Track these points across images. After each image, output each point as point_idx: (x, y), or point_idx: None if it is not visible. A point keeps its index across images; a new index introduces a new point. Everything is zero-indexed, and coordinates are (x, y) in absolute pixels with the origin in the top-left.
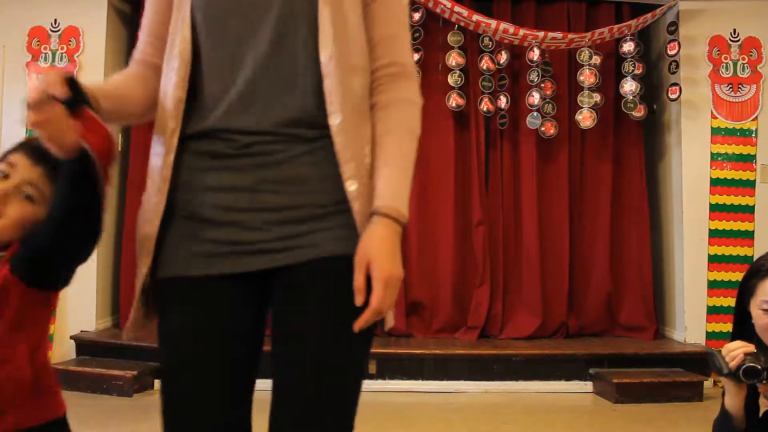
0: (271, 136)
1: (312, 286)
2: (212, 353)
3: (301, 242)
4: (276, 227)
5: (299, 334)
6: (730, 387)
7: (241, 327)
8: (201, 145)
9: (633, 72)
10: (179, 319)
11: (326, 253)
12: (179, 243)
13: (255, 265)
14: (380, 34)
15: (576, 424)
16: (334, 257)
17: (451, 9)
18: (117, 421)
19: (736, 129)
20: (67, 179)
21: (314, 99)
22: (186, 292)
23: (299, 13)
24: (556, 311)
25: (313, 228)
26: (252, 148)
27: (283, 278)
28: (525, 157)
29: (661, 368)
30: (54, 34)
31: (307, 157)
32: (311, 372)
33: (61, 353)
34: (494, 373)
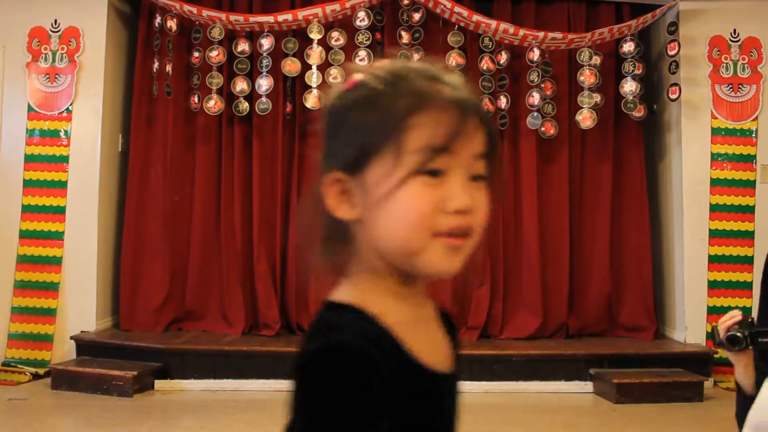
0: None
1: None
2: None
3: None
4: None
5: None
6: (731, 356)
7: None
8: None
9: (633, 72)
10: None
11: None
12: None
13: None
14: None
15: (576, 424)
16: None
17: (451, 9)
18: (117, 421)
19: (736, 129)
20: None
21: None
22: None
23: None
24: (556, 311)
25: None
26: None
27: None
28: (525, 158)
29: (661, 368)
30: (54, 34)
31: None
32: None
33: (61, 353)
34: (494, 373)
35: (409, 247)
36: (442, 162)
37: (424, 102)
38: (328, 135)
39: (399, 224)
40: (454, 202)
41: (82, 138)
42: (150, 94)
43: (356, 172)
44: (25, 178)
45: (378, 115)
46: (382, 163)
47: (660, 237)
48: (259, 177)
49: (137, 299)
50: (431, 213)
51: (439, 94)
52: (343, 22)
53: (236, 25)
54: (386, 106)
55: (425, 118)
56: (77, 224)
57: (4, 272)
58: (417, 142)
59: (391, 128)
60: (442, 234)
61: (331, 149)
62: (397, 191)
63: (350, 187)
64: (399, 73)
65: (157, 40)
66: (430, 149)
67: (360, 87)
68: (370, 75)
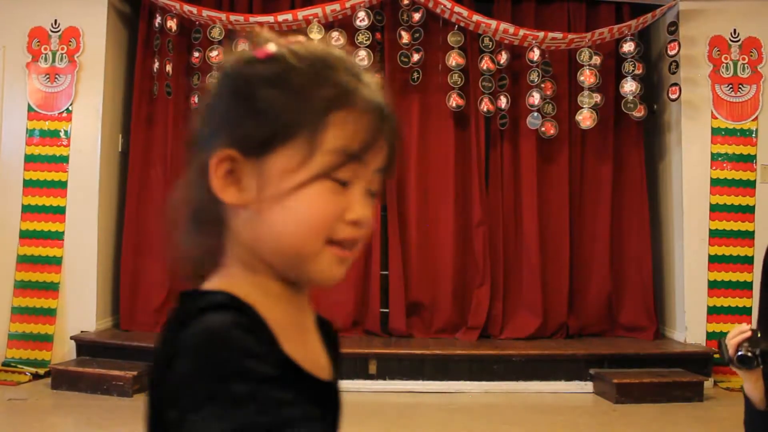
0: None
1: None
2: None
3: None
4: None
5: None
6: (740, 372)
7: None
8: None
9: (633, 72)
10: None
11: None
12: None
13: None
14: None
15: (576, 424)
16: None
17: (451, 9)
18: (117, 421)
19: (737, 129)
20: None
21: None
22: None
23: None
24: (556, 311)
25: None
26: None
27: None
28: (525, 158)
29: (661, 368)
30: (54, 34)
31: None
32: None
33: (62, 353)
34: (494, 373)
35: (301, 251)
36: (350, 170)
37: (348, 99)
38: (224, 102)
39: (296, 226)
40: (353, 213)
41: (82, 138)
42: (150, 94)
43: (255, 156)
44: (25, 178)
45: (296, 100)
46: (290, 155)
47: (660, 237)
48: None
49: (137, 299)
50: (331, 220)
51: (362, 94)
52: (343, 22)
53: (236, 25)
54: (307, 91)
55: (346, 118)
56: (77, 224)
57: (4, 272)
58: (333, 143)
59: (310, 119)
60: (335, 243)
61: (228, 121)
62: (301, 190)
63: (243, 169)
64: (322, 59)
65: (157, 40)
66: (344, 154)
67: (276, 60)
68: (287, 50)
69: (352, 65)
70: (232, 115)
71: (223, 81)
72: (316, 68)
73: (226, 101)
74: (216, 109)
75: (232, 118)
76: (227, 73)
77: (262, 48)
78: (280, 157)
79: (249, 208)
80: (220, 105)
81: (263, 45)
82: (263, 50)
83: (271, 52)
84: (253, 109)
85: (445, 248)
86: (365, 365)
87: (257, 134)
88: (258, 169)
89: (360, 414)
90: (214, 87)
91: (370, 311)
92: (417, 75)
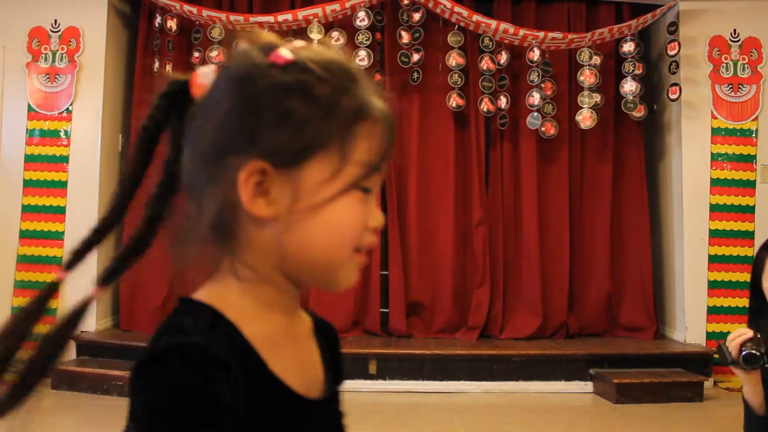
0: None
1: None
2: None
3: None
4: None
5: None
6: (741, 375)
7: None
8: None
9: (633, 72)
10: None
11: None
12: None
13: None
14: None
15: (576, 424)
16: None
17: (452, 9)
18: (117, 421)
19: (737, 129)
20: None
21: None
22: None
23: None
24: (556, 311)
25: None
26: None
27: None
28: (525, 158)
29: (661, 368)
30: (54, 34)
31: None
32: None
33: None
34: (494, 373)
35: (333, 260)
36: (373, 180)
37: (368, 110)
38: (243, 111)
39: (332, 236)
40: (375, 220)
41: (82, 138)
42: (150, 94)
43: (286, 168)
44: (25, 178)
45: (324, 111)
46: (322, 166)
47: (660, 237)
48: None
49: (137, 299)
50: (361, 229)
51: (376, 102)
52: (343, 22)
53: (236, 25)
54: (333, 102)
55: (369, 129)
56: (77, 224)
57: (4, 272)
58: (361, 154)
59: (339, 130)
60: (360, 250)
61: (252, 132)
62: (335, 201)
63: (272, 181)
64: (338, 67)
65: (157, 40)
66: (370, 165)
67: (296, 68)
68: (304, 56)
69: (361, 72)
70: (256, 126)
71: (237, 87)
72: (336, 77)
73: (245, 109)
74: (232, 117)
75: (257, 128)
76: (239, 78)
77: (276, 53)
78: (312, 168)
79: (278, 220)
80: (237, 113)
81: (275, 49)
82: (280, 56)
83: (289, 58)
84: (281, 120)
85: (445, 248)
86: (365, 365)
87: (289, 146)
88: (289, 180)
89: (359, 414)
90: (223, 91)
91: (370, 311)
92: (417, 75)
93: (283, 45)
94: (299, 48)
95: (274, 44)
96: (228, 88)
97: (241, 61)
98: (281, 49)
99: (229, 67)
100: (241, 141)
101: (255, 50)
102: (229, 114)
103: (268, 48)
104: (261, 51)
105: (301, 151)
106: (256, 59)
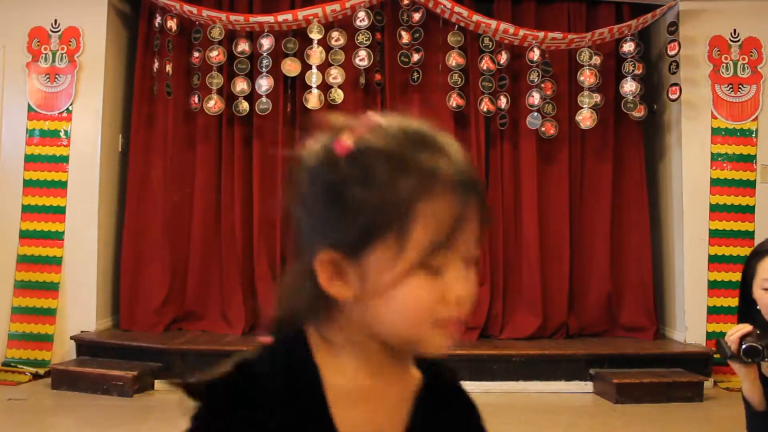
0: None
1: None
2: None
3: None
4: None
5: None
6: (740, 370)
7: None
8: None
9: (633, 72)
10: None
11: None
12: None
13: None
14: None
15: (576, 424)
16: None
17: (452, 9)
18: (117, 421)
19: (737, 129)
20: None
21: None
22: None
23: None
24: (556, 311)
25: None
26: None
27: None
28: (525, 158)
29: (661, 368)
30: (54, 34)
31: None
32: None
33: (61, 353)
34: (494, 373)
35: (410, 337)
36: (442, 257)
37: (429, 184)
38: (317, 203)
39: (400, 318)
40: (454, 293)
41: (82, 138)
42: (150, 94)
43: (354, 255)
44: (25, 178)
45: (381, 197)
46: (383, 251)
47: (660, 237)
48: (259, 177)
49: (137, 299)
50: (432, 307)
51: (442, 173)
52: (343, 22)
53: (236, 25)
54: (390, 186)
55: (429, 207)
56: (77, 224)
57: (4, 272)
58: (421, 236)
59: (396, 215)
60: (440, 323)
61: (323, 223)
62: (399, 285)
63: (346, 266)
64: (401, 141)
65: (157, 40)
66: (433, 245)
67: (357, 156)
68: (364, 141)
69: (428, 137)
70: (325, 218)
71: (311, 180)
72: (396, 156)
73: (318, 202)
74: (310, 208)
75: (326, 220)
76: (313, 171)
77: (339, 141)
78: (374, 254)
79: (357, 300)
80: (313, 205)
81: (340, 137)
82: (342, 144)
83: (350, 146)
84: (343, 211)
85: None
86: None
87: (350, 235)
88: (357, 265)
89: None
90: (303, 184)
91: None
92: (417, 75)
93: (348, 128)
94: (363, 127)
95: (339, 130)
96: (302, 180)
97: (312, 154)
98: (344, 137)
99: (303, 158)
100: (316, 231)
101: (323, 140)
102: (308, 205)
103: (333, 136)
104: (328, 139)
105: (360, 239)
106: (321, 152)
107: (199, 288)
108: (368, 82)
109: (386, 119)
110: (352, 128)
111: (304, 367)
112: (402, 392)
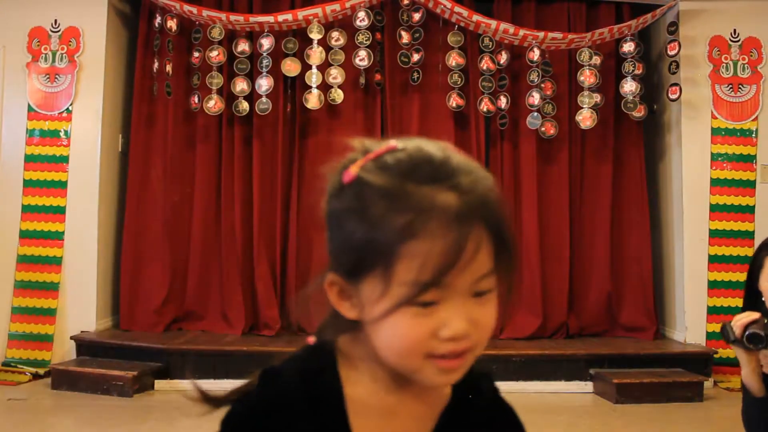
0: None
1: None
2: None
3: None
4: None
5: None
6: (741, 355)
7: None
8: None
9: (633, 72)
10: None
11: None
12: None
13: None
14: None
15: (576, 424)
16: None
17: (451, 9)
18: (117, 421)
19: (737, 129)
20: None
21: None
22: None
23: None
24: (556, 311)
25: None
26: None
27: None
28: (525, 158)
29: (661, 368)
30: (54, 34)
31: None
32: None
33: (61, 353)
34: (494, 373)
35: (404, 366)
36: (433, 294)
37: (421, 222)
38: (328, 226)
39: (391, 347)
40: (448, 330)
41: (82, 138)
42: (150, 94)
43: (352, 280)
44: (25, 178)
45: (371, 232)
46: (373, 284)
47: (660, 237)
48: (259, 177)
49: (137, 299)
50: (422, 341)
51: (440, 208)
52: (343, 22)
53: (236, 25)
54: (381, 222)
55: (416, 247)
56: (77, 224)
57: (4, 272)
58: (406, 275)
59: (382, 252)
60: (435, 357)
61: (330, 245)
62: (386, 318)
63: (348, 291)
64: (403, 173)
65: (157, 40)
66: (418, 284)
67: (357, 189)
68: (367, 174)
69: (443, 166)
70: (332, 243)
71: (327, 202)
72: (393, 193)
73: (328, 224)
74: (327, 227)
75: (332, 245)
76: (328, 194)
77: (348, 170)
78: (366, 285)
79: (364, 322)
80: (326, 226)
81: (350, 166)
82: (349, 174)
83: (353, 175)
84: (342, 239)
85: None
86: None
87: (346, 264)
88: (357, 293)
89: None
90: (324, 203)
91: None
92: (417, 75)
93: (363, 154)
94: (378, 153)
95: (356, 156)
96: (324, 200)
97: (332, 176)
98: (352, 166)
99: (328, 178)
100: (329, 254)
101: (342, 163)
102: (324, 227)
103: (348, 163)
104: (342, 166)
105: (353, 269)
106: (335, 176)
107: (199, 288)
108: (368, 82)
109: (404, 144)
110: (366, 154)
111: (326, 378)
112: (426, 409)
